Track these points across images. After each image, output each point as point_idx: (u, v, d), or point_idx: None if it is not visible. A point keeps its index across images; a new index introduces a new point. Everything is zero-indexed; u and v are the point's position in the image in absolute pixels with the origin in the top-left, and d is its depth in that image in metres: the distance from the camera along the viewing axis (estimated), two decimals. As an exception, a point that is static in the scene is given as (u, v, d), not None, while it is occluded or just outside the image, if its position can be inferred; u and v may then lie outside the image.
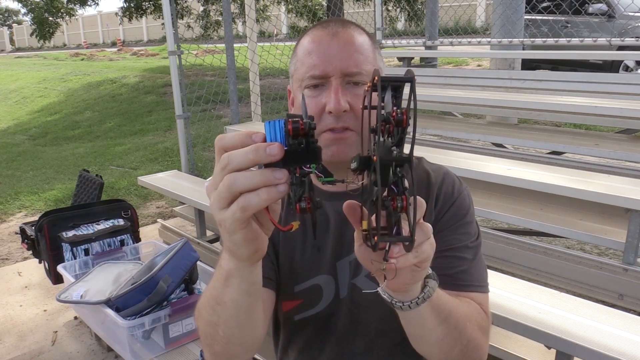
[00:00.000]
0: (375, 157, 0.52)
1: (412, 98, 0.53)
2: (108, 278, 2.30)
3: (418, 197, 0.59)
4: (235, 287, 0.69)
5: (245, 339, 0.78)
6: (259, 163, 0.53)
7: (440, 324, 0.75)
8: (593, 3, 6.69)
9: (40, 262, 2.81)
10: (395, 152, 0.53)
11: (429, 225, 0.61)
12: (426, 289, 0.69)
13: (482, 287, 0.94)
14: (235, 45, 4.11)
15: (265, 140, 0.54)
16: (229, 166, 0.54)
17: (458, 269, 0.91)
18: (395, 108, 0.54)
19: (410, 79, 0.54)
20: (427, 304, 0.70)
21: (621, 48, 5.01)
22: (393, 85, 0.55)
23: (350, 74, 0.87)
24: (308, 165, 0.55)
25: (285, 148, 0.52)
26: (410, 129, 0.54)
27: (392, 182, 0.53)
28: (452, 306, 0.77)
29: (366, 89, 0.57)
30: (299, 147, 0.53)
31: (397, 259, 0.57)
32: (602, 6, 6.57)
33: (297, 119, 0.52)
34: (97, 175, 3.17)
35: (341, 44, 0.88)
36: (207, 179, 3.71)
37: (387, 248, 0.56)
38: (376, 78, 0.54)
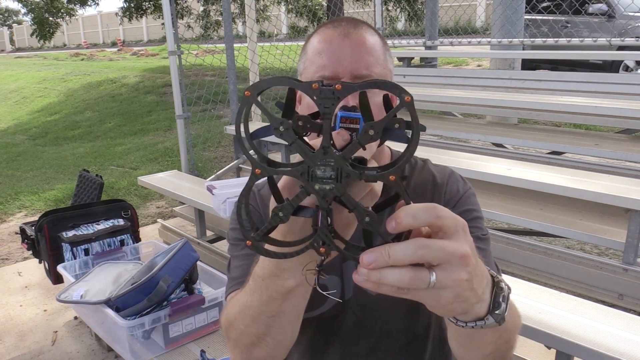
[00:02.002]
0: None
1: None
2: (108, 278, 2.30)
3: (431, 207, 0.50)
4: (301, 295, 0.69)
5: (293, 337, 0.78)
6: None
7: (493, 342, 0.67)
8: (593, 3, 6.69)
9: (40, 262, 2.81)
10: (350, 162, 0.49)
11: (426, 275, 0.49)
12: (480, 322, 0.57)
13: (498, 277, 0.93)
14: (235, 45, 4.12)
15: None
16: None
17: None
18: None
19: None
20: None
21: (621, 48, 5.01)
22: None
23: (361, 76, 0.86)
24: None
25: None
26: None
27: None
28: (509, 323, 0.64)
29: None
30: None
31: (365, 273, 0.48)
32: (602, 6, 6.57)
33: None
34: (97, 175, 3.17)
35: (352, 44, 0.86)
36: (207, 179, 3.71)
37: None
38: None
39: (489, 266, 0.91)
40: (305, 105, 0.91)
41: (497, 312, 0.58)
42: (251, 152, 0.54)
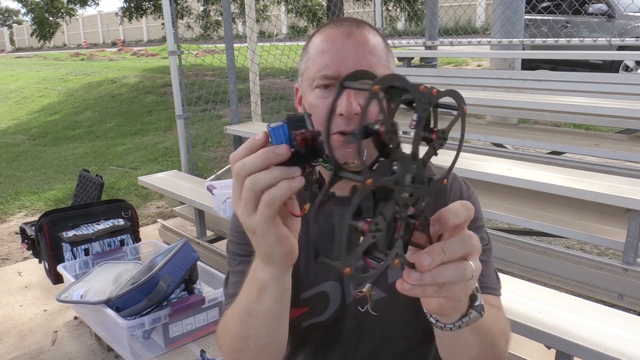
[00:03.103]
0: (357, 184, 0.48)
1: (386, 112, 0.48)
2: (108, 278, 2.30)
3: (468, 205, 0.56)
4: (269, 296, 0.71)
5: (276, 347, 0.80)
6: (270, 164, 0.57)
7: (477, 344, 0.72)
8: (593, 3, 6.69)
9: (40, 262, 2.81)
10: (394, 167, 0.50)
11: (469, 267, 0.55)
12: (465, 319, 0.64)
13: (498, 291, 0.93)
14: (235, 45, 4.11)
15: (267, 139, 0.57)
16: (243, 171, 0.58)
17: None
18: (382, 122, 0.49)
19: (366, 88, 0.47)
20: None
21: (621, 48, 5.01)
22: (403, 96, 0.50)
23: None
24: (316, 161, 0.57)
25: (292, 150, 0.56)
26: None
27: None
28: (490, 325, 0.73)
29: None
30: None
31: (411, 285, 0.54)
32: (602, 6, 6.57)
33: (304, 132, 0.55)
34: (97, 175, 3.17)
35: (355, 44, 0.86)
36: (207, 179, 3.71)
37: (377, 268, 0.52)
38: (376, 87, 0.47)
39: (490, 278, 0.93)
40: (307, 105, 0.90)
41: (476, 304, 0.64)
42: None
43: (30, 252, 2.83)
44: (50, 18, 16.99)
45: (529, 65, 6.41)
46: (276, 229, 0.61)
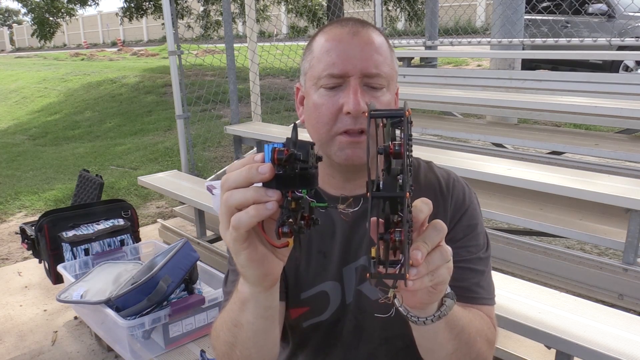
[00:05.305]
0: (368, 193, 0.53)
1: (405, 133, 0.54)
2: (108, 278, 2.30)
3: (426, 200, 0.61)
4: (250, 311, 0.71)
5: (264, 357, 0.80)
6: (251, 181, 0.56)
7: (452, 340, 0.75)
8: (593, 3, 6.69)
9: (40, 262, 2.81)
10: (400, 181, 0.53)
11: (448, 249, 0.61)
12: (443, 308, 0.69)
13: (492, 300, 0.94)
14: (235, 45, 4.11)
15: (264, 161, 0.56)
16: (226, 184, 0.58)
17: (471, 282, 0.91)
18: (394, 141, 0.54)
19: (400, 114, 0.54)
20: (441, 320, 0.70)
21: (621, 48, 5.01)
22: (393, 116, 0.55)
23: (370, 75, 0.85)
24: (299, 190, 0.55)
25: (280, 172, 0.54)
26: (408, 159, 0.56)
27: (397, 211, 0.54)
28: (465, 322, 0.77)
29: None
30: (292, 172, 0.54)
31: (413, 281, 0.58)
32: (602, 6, 6.57)
33: (282, 149, 0.54)
34: (97, 175, 3.17)
35: (361, 43, 0.86)
36: (207, 179, 3.71)
37: (397, 272, 0.55)
38: (369, 112, 0.55)
39: (487, 288, 0.94)
40: (311, 104, 0.90)
41: (447, 292, 0.70)
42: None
43: (30, 252, 2.83)
44: (51, 18, 16.98)
45: (529, 65, 6.40)
46: (248, 250, 0.60)
